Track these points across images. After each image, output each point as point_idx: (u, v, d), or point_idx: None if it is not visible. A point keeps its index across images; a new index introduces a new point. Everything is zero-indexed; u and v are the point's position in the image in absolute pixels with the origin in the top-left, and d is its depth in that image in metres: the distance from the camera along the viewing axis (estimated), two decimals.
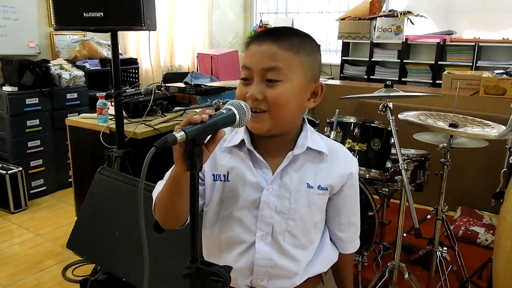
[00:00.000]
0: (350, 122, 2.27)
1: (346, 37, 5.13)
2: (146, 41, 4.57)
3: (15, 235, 3.02)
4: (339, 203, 1.05)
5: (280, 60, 0.90)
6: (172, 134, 0.72)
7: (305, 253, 1.01)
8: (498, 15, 4.57)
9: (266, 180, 0.96)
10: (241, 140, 0.97)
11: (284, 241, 0.98)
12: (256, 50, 0.92)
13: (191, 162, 0.75)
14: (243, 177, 0.97)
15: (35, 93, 3.47)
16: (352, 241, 1.12)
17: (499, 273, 1.75)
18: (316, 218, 1.01)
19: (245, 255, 0.98)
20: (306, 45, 0.95)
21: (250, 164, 0.97)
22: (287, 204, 0.96)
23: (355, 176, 1.05)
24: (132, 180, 1.95)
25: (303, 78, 0.94)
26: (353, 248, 1.13)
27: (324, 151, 0.99)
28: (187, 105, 3.01)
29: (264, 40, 0.92)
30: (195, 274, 0.76)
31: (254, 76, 0.92)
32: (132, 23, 2.09)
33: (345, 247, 1.12)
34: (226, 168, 0.98)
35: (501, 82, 3.34)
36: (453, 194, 3.04)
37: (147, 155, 0.68)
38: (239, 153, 0.98)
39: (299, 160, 0.98)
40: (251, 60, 0.92)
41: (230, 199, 0.98)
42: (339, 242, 1.11)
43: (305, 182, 0.97)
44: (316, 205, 1.00)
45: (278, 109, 0.91)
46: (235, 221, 0.98)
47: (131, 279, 1.72)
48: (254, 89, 0.90)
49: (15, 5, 3.69)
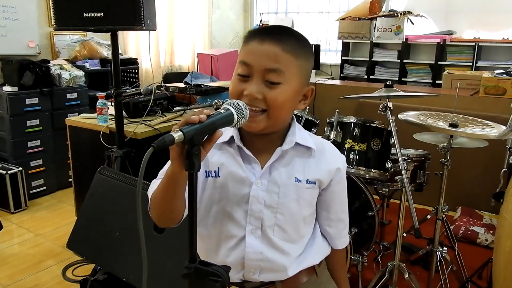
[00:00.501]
0: (350, 122, 2.27)
1: (346, 37, 5.13)
2: (146, 41, 4.57)
3: (15, 235, 3.02)
4: (328, 199, 1.07)
5: (282, 63, 0.91)
6: (170, 134, 0.73)
7: (295, 247, 1.03)
8: (498, 15, 4.57)
9: (255, 175, 0.98)
10: (230, 136, 0.99)
11: (273, 235, 1.00)
12: (257, 48, 0.92)
13: (189, 162, 0.75)
14: (232, 173, 0.98)
15: (35, 93, 3.47)
16: (340, 237, 1.14)
17: (499, 273, 1.75)
18: (305, 212, 1.03)
19: (235, 249, 1.00)
20: (305, 50, 0.97)
21: (240, 160, 0.99)
22: (276, 198, 0.98)
23: (343, 172, 1.06)
24: (132, 180, 1.95)
25: (299, 81, 0.96)
26: (342, 244, 1.15)
27: (312, 147, 1.01)
28: (187, 105, 3.01)
29: (266, 39, 0.92)
30: (193, 274, 0.76)
31: (254, 74, 0.92)
32: (132, 23, 2.09)
33: (334, 243, 1.14)
34: (217, 165, 1.00)
35: (501, 82, 3.34)
36: (453, 194, 3.04)
37: (145, 156, 0.69)
38: (228, 149, 1.00)
39: (287, 156, 1.00)
40: (252, 58, 0.92)
41: (220, 195, 1.00)
42: (328, 237, 1.13)
43: (293, 177, 0.99)
44: (305, 199, 1.01)
45: (275, 110, 0.93)
46: (226, 216, 1.00)
47: (131, 279, 1.72)
48: (254, 88, 0.91)
49: (15, 5, 3.69)
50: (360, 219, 2.28)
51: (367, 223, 2.31)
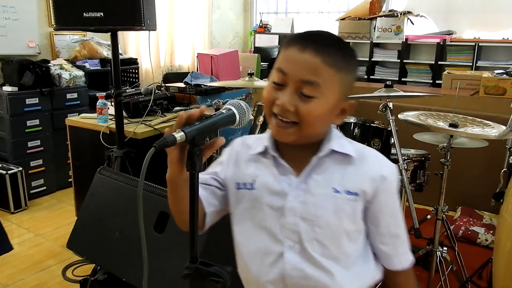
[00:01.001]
0: (350, 122, 2.26)
1: (346, 37, 5.12)
2: (146, 41, 4.57)
3: (15, 235, 3.02)
4: (376, 211, 0.95)
5: (320, 76, 0.85)
6: (171, 134, 0.72)
7: (339, 266, 0.94)
8: (498, 15, 4.57)
9: (290, 186, 0.93)
10: (265, 146, 0.95)
11: (313, 251, 0.92)
12: (296, 57, 0.86)
13: (191, 163, 0.75)
14: (267, 185, 0.94)
15: (35, 93, 3.47)
16: (398, 254, 0.99)
17: (499, 273, 1.75)
18: (347, 226, 0.93)
19: (275, 266, 0.94)
20: (349, 63, 0.91)
21: (275, 170, 0.94)
22: (313, 210, 0.91)
23: (390, 180, 0.95)
24: (132, 180, 1.95)
25: (338, 97, 0.90)
26: (401, 262, 1.00)
27: (351, 154, 0.93)
28: (187, 105, 3.01)
29: (308, 48, 0.85)
30: (194, 275, 0.76)
31: (288, 83, 0.86)
32: (132, 23, 2.09)
33: (391, 262, 0.99)
34: (252, 177, 0.96)
35: (501, 82, 3.34)
36: (453, 194, 3.03)
37: (147, 156, 0.69)
38: (263, 161, 0.96)
39: (324, 164, 0.93)
40: (289, 66, 0.87)
41: (256, 208, 0.95)
42: (383, 256, 1.00)
43: (330, 187, 0.92)
44: (345, 212, 0.92)
45: (307, 125, 0.88)
46: (262, 230, 0.95)
47: (131, 279, 1.72)
48: (287, 99, 0.86)
49: (15, 5, 3.69)
50: None
51: None
